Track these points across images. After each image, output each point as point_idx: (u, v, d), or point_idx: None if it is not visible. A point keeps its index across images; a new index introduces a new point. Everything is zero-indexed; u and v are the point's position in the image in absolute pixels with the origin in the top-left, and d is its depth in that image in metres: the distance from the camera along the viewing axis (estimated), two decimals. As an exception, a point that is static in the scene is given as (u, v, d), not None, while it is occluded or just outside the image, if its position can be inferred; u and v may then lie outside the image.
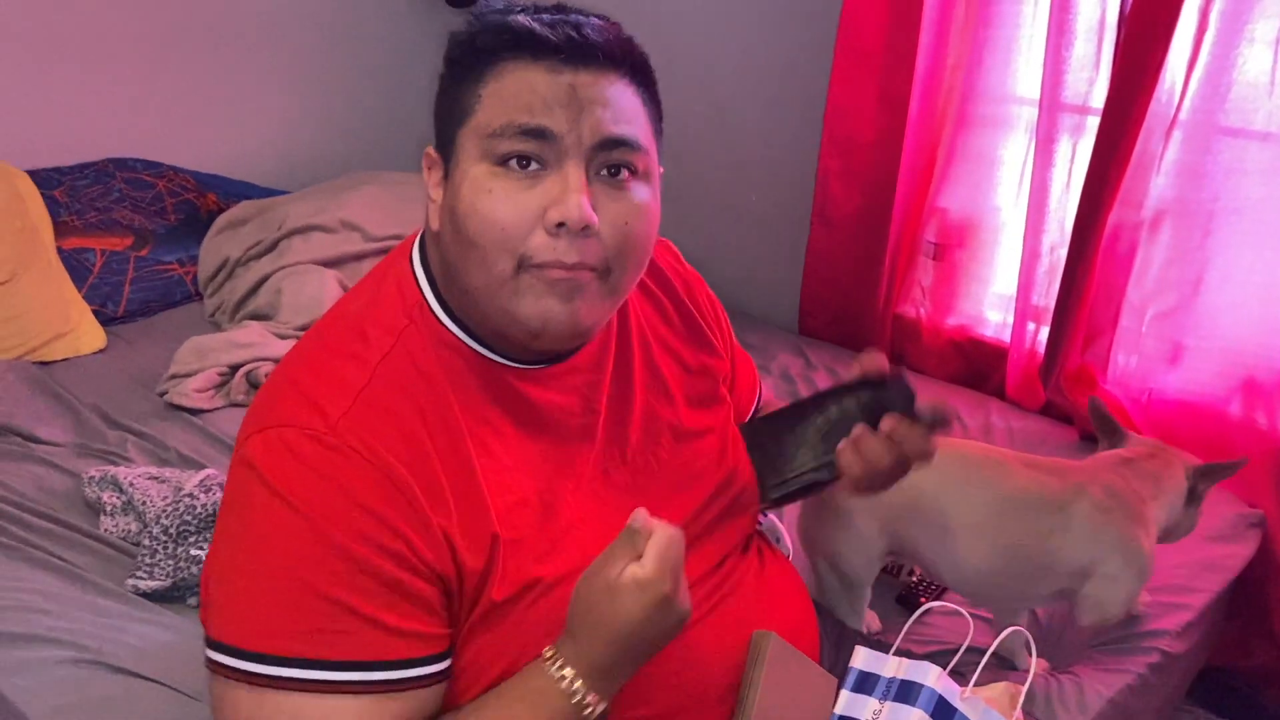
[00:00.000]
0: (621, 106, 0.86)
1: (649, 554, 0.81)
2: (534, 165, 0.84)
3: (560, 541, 0.91)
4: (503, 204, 0.83)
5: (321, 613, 0.79)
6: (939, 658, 1.09)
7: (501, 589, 0.86)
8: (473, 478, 0.87)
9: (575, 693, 0.82)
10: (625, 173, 0.87)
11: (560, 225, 0.82)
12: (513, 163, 0.83)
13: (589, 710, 0.83)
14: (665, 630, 0.84)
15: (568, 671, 0.83)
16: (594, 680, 0.83)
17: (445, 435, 0.86)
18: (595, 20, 0.87)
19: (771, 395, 1.34)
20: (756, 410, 1.25)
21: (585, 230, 0.83)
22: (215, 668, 0.82)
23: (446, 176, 0.88)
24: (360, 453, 0.81)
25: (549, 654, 0.84)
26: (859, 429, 0.95)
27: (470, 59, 0.86)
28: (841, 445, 0.96)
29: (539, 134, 0.83)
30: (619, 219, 0.86)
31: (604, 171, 0.86)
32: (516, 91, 0.83)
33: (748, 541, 1.10)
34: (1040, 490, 1.41)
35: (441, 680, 0.86)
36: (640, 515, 0.82)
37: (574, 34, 0.84)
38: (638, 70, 0.89)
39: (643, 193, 0.88)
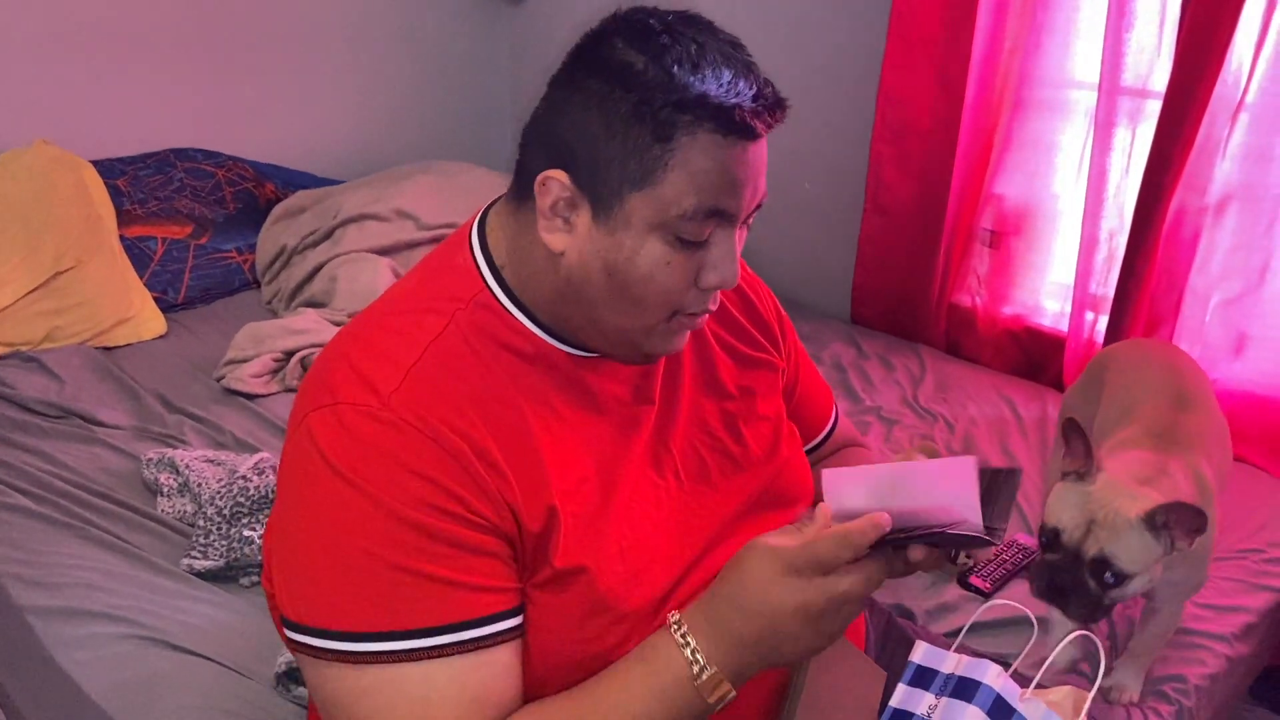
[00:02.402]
0: (766, 160, 0.88)
1: (807, 536, 0.81)
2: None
3: (617, 522, 0.92)
4: (677, 274, 0.86)
5: (399, 584, 0.81)
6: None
7: (564, 558, 0.87)
8: (535, 453, 0.88)
9: (687, 642, 0.83)
10: None
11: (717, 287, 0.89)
12: (689, 237, 0.85)
13: (699, 669, 0.82)
14: (779, 609, 0.80)
15: (683, 623, 0.84)
16: (705, 633, 0.83)
17: (501, 413, 0.88)
18: (765, 78, 0.87)
19: (850, 426, 1.33)
20: (829, 436, 1.25)
21: None
22: (305, 649, 0.83)
23: (599, 220, 0.86)
24: (413, 424, 0.83)
25: (675, 616, 0.86)
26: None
27: (658, 111, 0.81)
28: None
29: (721, 214, 0.85)
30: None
31: None
32: (707, 169, 0.83)
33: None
34: None
35: (524, 633, 0.88)
36: (874, 524, 0.80)
37: (771, 115, 0.85)
38: None
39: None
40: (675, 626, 0.85)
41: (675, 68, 0.81)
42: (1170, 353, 1.69)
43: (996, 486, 0.91)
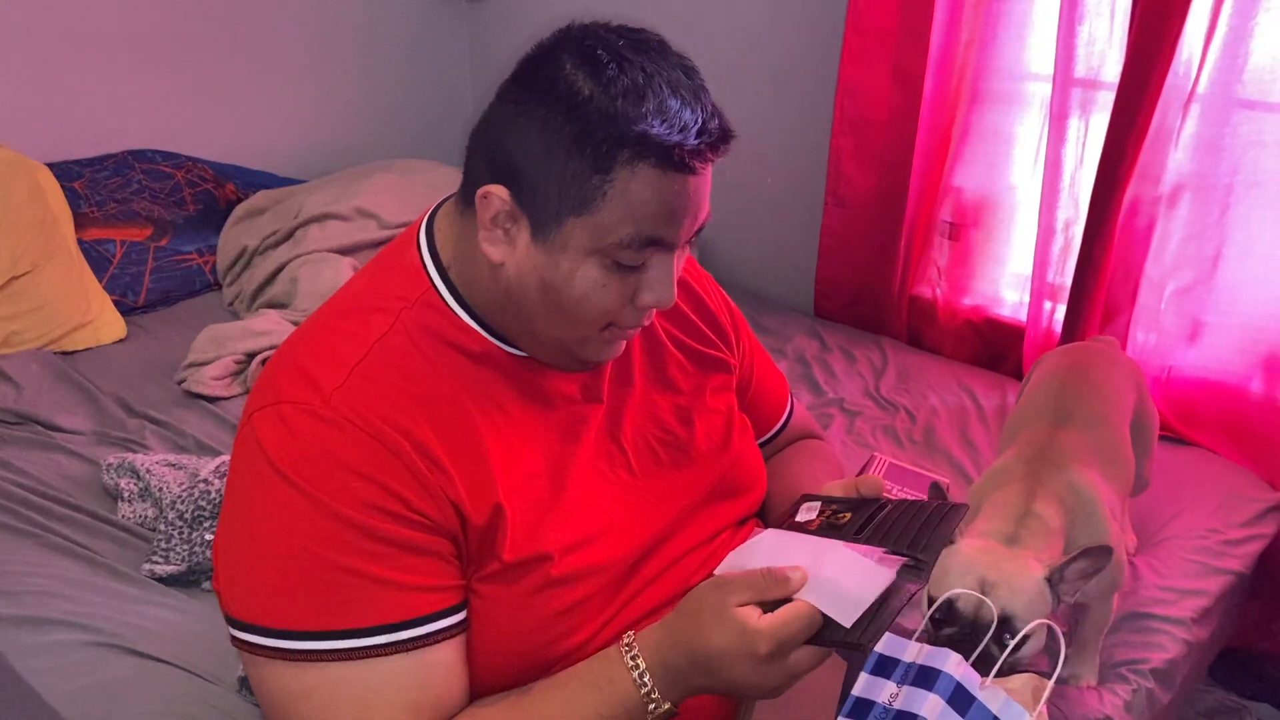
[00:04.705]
0: (709, 187, 0.89)
1: (778, 620, 0.81)
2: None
3: (567, 516, 0.93)
4: (613, 295, 0.88)
5: (339, 583, 0.82)
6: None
7: (513, 552, 0.88)
8: (480, 449, 0.89)
9: (645, 683, 0.85)
10: None
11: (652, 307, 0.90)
12: (625, 261, 0.86)
13: (654, 705, 0.85)
14: (741, 682, 0.83)
15: (641, 662, 0.85)
16: (662, 677, 0.85)
17: (446, 411, 0.88)
18: (714, 103, 0.86)
19: (807, 417, 1.35)
20: (783, 428, 1.26)
21: None
22: (246, 646, 0.84)
23: (538, 240, 0.86)
24: (354, 422, 0.83)
25: (628, 639, 0.87)
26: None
27: (599, 144, 0.81)
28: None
29: (659, 242, 0.86)
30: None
31: None
32: (645, 200, 0.83)
33: (746, 519, 1.11)
34: None
35: (468, 628, 0.89)
36: (797, 575, 0.83)
37: (713, 151, 0.85)
38: None
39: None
40: (629, 655, 0.86)
41: (620, 100, 0.81)
42: (1079, 363, 1.65)
43: (938, 519, 0.93)
